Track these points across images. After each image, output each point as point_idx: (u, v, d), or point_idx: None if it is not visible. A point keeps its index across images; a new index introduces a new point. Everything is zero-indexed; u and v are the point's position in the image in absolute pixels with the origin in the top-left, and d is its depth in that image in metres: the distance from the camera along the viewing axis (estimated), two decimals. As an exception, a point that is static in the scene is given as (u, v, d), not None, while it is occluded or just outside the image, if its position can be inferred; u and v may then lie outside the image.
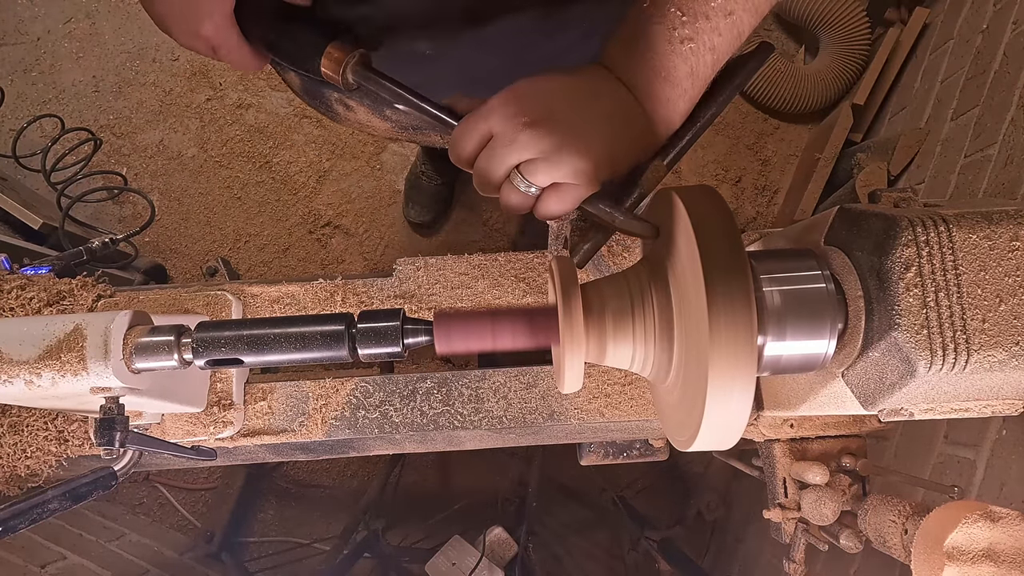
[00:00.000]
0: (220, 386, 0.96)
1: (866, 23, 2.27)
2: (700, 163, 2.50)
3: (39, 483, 0.95)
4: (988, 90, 1.66)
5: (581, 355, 0.62)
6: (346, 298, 1.02)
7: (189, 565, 2.14)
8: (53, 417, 0.92)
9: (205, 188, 2.46)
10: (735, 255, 0.57)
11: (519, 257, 1.03)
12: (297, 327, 0.70)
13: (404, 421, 0.97)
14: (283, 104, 2.50)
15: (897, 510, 0.80)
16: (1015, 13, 1.63)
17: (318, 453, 1.02)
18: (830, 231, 0.70)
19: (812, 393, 0.75)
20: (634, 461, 1.13)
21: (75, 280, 0.96)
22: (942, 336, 0.59)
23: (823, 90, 2.36)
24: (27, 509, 0.74)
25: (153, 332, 0.72)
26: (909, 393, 0.62)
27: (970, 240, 0.60)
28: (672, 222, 0.64)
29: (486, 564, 1.93)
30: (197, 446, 0.92)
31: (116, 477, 0.84)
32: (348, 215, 2.46)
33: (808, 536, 0.94)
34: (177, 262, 2.44)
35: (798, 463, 0.95)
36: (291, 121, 2.49)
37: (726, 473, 2.36)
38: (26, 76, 2.48)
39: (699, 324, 0.57)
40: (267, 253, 2.46)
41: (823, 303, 0.65)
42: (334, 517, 2.41)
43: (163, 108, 2.49)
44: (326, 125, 2.47)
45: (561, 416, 0.98)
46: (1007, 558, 0.63)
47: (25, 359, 0.71)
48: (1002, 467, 1.20)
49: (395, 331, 0.69)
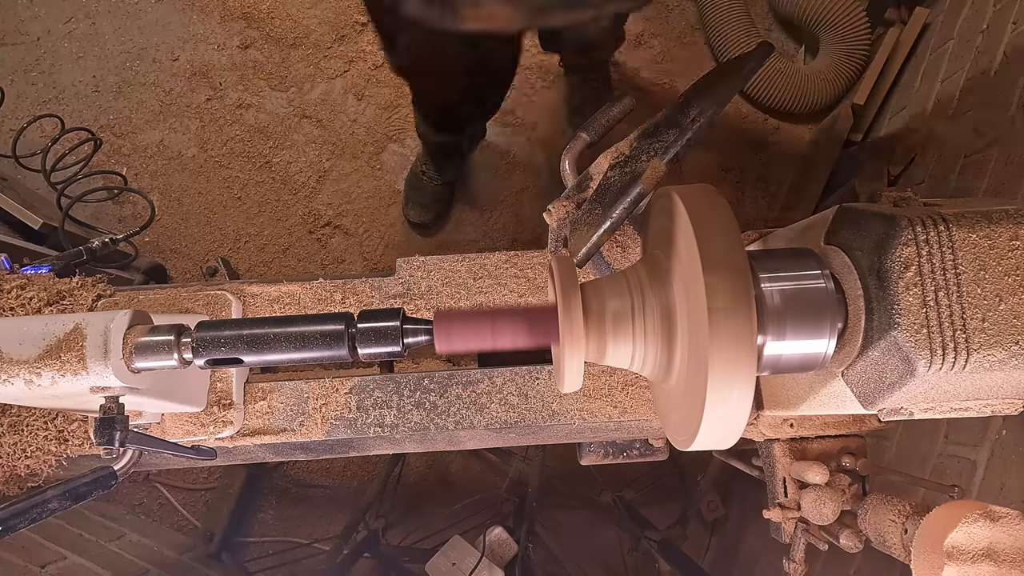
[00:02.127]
0: (220, 386, 0.96)
1: (866, 23, 2.27)
2: (700, 163, 2.49)
3: (39, 483, 0.95)
4: (988, 90, 1.66)
5: (581, 354, 0.62)
6: (346, 298, 1.02)
7: (189, 565, 2.14)
8: (53, 417, 0.92)
9: (205, 188, 2.46)
10: (735, 254, 0.57)
11: (519, 256, 1.03)
12: (297, 327, 0.71)
13: (404, 421, 0.97)
14: (283, 104, 2.50)
15: (897, 510, 0.80)
16: (1015, 13, 1.63)
17: (318, 453, 1.02)
18: (830, 231, 0.70)
19: (812, 393, 0.76)
20: (634, 461, 1.13)
21: (75, 280, 0.96)
22: (942, 335, 0.59)
23: (823, 90, 2.36)
24: (27, 509, 0.74)
25: (153, 332, 0.72)
26: (909, 392, 0.62)
27: (970, 239, 0.60)
28: (672, 222, 0.64)
29: (486, 564, 1.93)
30: (197, 446, 0.92)
31: (116, 477, 0.84)
32: (348, 215, 2.46)
33: (808, 536, 0.94)
34: (177, 262, 2.43)
35: (798, 463, 0.95)
36: (291, 121, 2.49)
37: (726, 473, 2.36)
38: (26, 76, 2.47)
39: (699, 324, 0.57)
40: (267, 253, 2.46)
41: (823, 302, 0.65)
42: (334, 517, 2.41)
43: (163, 108, 2.49)
44: (326, 125, 2.47)
45: (561, 416, 0.98)
46: (1007, 557, 0.63)
47: (25, 359, 0.71)
48: (1002, 467, 1.20)
49: (395, 331, 0.69)
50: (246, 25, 2.45)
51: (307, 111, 2.48)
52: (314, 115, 2.48)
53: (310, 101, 2.48)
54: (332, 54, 2.49)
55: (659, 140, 0.78)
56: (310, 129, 2.48)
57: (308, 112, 2.48)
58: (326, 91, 2.49)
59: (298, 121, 2.47)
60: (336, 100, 2.49)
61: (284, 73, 2.48)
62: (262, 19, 2.49)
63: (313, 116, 2.48)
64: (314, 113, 2.48)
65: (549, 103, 2.49)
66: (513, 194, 2.48)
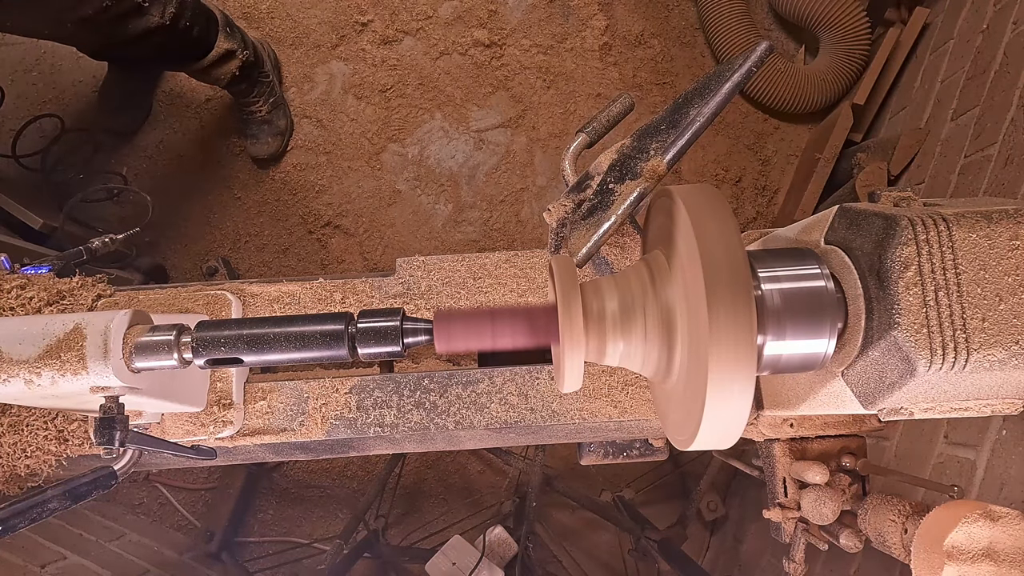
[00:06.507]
0: (220, 385, 0.96)
1: (866, 23, 2.27)
2: (700, 163, 2.50)
3: (39, 482, 0.95)
4: (988, 90, 1.66)
5: (581, 354, 0.62)
6: (346, 297, 1.02)
7: (189, 565, 2.14)
8: (53, 416, 0.92)
9: (205, 188, 2.46)
10: (735, 254, 0.57)
11: (519, 256, 1.03)
12: (297, 326, 0.71)
13: (404, 420, 0.97)
14: (283, 104, 2.50)
15: (897, 510, 0.80)
16: (1015, 13, 1.63)
17: (318, 452, 1.02)
18: (830, 230, 0.70)
19: (812, 392, 0.75)
20: (634, 461, 1.13)
21: (75, 280, 0.96)
22: (942, 335, 0.59)
23: (823, 90, 2.36)
24: (27, 509, 0.74)
25: (153, 331, 0.72)
26: (909, 392, 0.62)
27: (970, 239, 0.60)
28: (672, 221, 0.64)
29: (486, 564, 1.93)
30: (197, 445, 0.92)
31: (116, 476, 0.84)
32: (348, 215, 2.46)
33: (808, 536, 0.94)
34: (177, 262, 2.44)
35: (798, 463, 0.95)
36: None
37: (726, 473, 2.36)
38: (26, 76, 2.47)
39: (699, 323, 0.57)
40: (267, 253, 2.46)
41: (823, 302, 0.65)
42: (334, 517, 2.41)
43: (162, 108, 2.49)
44: (326, 125, 2.47)
45: (561, 416, 0.98)
46: (1007, 557, 0.63)
47: (25, 358, 0.71)
48: (1002, 467, 1.20)
49: (395, 330, 0.69)
50: (246, 25, 2.45)
51: (307, 111, 2.48)
52: (314, 115, 2.48)
53: (310, 101, 2.48)
54: (332, 54, 2.49)
55: (659, 140, 0.78)
56: (310, 129, 2.48)
57: (308, 112, 2.48)
58: (326, 91, 2.49)
59: (298, 121, 2.48)
60: (336, 100, 2.49)
61: (284, 73, 2.48)
62: (262, 19, 2.49)
63: (313, 116, 2.48)
64: (314, 113, 2.48)
65: (549, 103, 2.49)
66: (513, 194, 2.48)
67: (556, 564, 2.32)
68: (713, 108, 0.72)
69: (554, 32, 2.50)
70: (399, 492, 2.33)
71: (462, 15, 2.50)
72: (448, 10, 2.50)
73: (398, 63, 2.49)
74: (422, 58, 2.49)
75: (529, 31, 2.50)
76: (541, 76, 2.49)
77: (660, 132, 0.79)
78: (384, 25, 2.49)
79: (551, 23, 2.50)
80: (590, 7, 2.49)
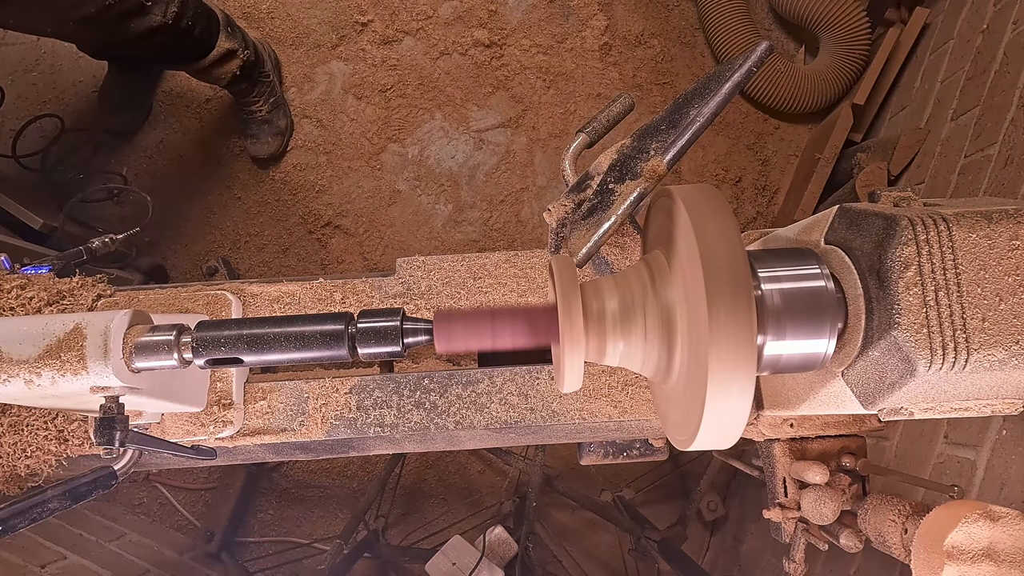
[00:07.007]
0: (220, 385, 0.96)
1: (866, 23, 2.27)
2: (700, 163, 2.50)
3: (39, 482, 0.95)
4: (988, 90, 1.66)
5: (581, 354, 0.62)
6: (346, 297, 1.02)
7: (189, 565, 2.14)
8: (53, 416, 0.92)
9: (205, 188, 2.46)
10: (735, 254, 0.57)
11: (519, 256, 1.03)
12: (297, 326, 0.71)
13: (404, 420, 0.97)
14: (283, 104, 2.50)
15: (897, 510, 0.80)
16: (1015, 13, 1.63)
17: (318, 453, 1.02)
18: (830, 230, 0.70)
19: (812, 392, 0.75)
20: (634, 461, 1.13)
21: (75, 280, 0.96)
22: (942, 335, 0.59)
23: (823, 90, 2.36)
24: (27, 508, 0.74)
25: (153, 331, 0.72)
26: (909, 392, 0.62)
27: (970, 239, 0.60)
28: (672, 221, 0.64)
29: (486, 564, 1.93)
30: (197, 445, 0.92)
31: (116, 476, 0.84)
32: (348, 215, 2.46)
33: (808, 536, 0.94)
34: (177, 262, 2.43)
35: (798, 463, 0.95)
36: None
37: (726, 473, 2.36)
38: (26, 76, 2.47)
39: (699, 323, 0.57)
40: (267, 253, 2.46)
41: (823, 302, 0.65)
42: (334, 517, 2.41)
43: (162, 108, 2.49)
44: (326, 125, 2.47)
45: (561, 416, 0.98)
46: (1007, 557, 0.63)
47: (25, 358, 0.71)
48: (1002, 467, 1.20)
49: (395, 330, 0.69)
50: (247, 25, 2.45)
51: (307, 111, 2.48)
52: (314, 115, 2.48)
53: (310, 101, 2.48)
54: (332, 54, 2.49)
55: (659, 140, 0.78)
56: (310, 129, 2.48)
57: (308, 112, 2.48)
58: (326, 91, 2.49)
59: (298, 121, 2.48)
60: (336, 100, 2.49)
61: (284, 73, 2.48)
62: (262, 19, 2.49)
63: (313, 116, 2.48)
64: (314, 113, 2.48)
65: (549, 103, 2.49)
66: (513, 194, 2.48)
67: (556, 564, 2.32)
68: (713, 108, 0.72)
69: (554, 32, 2.50)
70: (399, 492, 2.33)
71: (462, 15, 2.50)
72: (448, 10, 2.50)
73: (398, 63, 2.49)
74: (422, 58, 2.49)
75: (529, 31, 2.50)
76: (541, 76, 2.49)
77: (660, 132, 0.79)
78: (384, 25, 2.49)
79: (551, 23, 2.50)
80: (590, 7, 2.49)
